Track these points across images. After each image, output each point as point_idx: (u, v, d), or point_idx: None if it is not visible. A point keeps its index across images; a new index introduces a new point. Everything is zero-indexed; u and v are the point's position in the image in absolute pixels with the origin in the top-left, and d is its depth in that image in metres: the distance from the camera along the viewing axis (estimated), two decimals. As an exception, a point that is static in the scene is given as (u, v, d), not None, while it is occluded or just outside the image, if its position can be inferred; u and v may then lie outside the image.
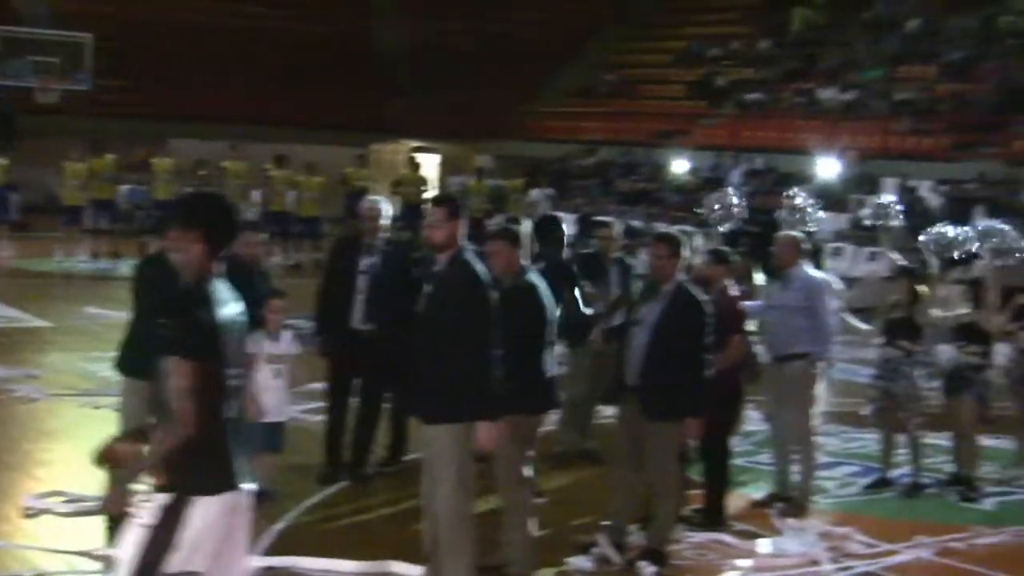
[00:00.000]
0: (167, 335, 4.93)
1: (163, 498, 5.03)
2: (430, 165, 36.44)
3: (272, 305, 9.19)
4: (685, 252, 8.48)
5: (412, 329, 7.36)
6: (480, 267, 7.23)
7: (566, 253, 11.01)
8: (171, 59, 36.08)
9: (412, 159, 30.28)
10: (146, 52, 35.66)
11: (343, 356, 9.83)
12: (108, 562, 7.93)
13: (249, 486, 5.22)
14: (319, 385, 10.45)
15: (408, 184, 28.00)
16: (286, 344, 9.29)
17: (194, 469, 5.01)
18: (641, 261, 11.54)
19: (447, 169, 36.69)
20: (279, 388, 9.25)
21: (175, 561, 4.98)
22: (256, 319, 9.00)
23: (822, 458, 10.47)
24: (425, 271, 7.91)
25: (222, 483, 5.10)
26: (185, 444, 4.93)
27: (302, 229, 25.31)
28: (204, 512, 5.02)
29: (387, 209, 9.96)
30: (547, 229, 10.52)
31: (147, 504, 5.13)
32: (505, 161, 34.65)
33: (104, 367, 11.39)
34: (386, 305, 9.60)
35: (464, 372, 7.01)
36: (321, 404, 10.38)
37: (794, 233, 10.70)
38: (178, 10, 37.90)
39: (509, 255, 7.91)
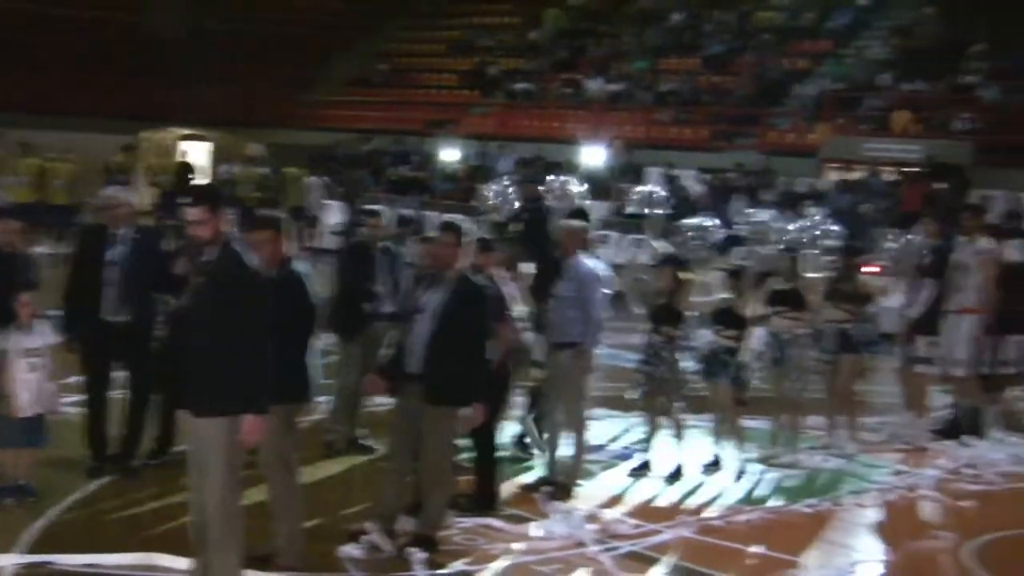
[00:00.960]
0: None
1: None
2: (199, 153, 35.80)
3: (20, 298, 8.97)
4: (466, 240, 8.59)
5: (166, 319, 7.25)
6: (249, 258, 7.17)
7: (336, 242, 11.03)
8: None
9: (163, 146, 29.70)
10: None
11: (96, 348, 9.63)
12: None
13: None
14: (78, 378, 10.22)
15: (159, 172, 27.48)
16: (41, 336, 9.06)
17: None
18: (411, 249, 11.58)
19: (218, 157, 36.09)
20: (36, 381, 9.03)
21: None
22: (8, 312, 8.80)
23: (589, 442, 10.70)
24: (182, 260, 7.81)
25: None
26: None
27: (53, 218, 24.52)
28: None
29: (130, 198, 9.79)
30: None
31: None
32: (280, 149, 34.27)
33: None
34: (137, 295, 9.47)
35: (233, 364, 6.94)
36: (82, 397, 10.14)
37: (577, 223, 10.78)
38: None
39: (274, 245, 7.87)
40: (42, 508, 8.82)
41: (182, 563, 7.61)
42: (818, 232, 16.36)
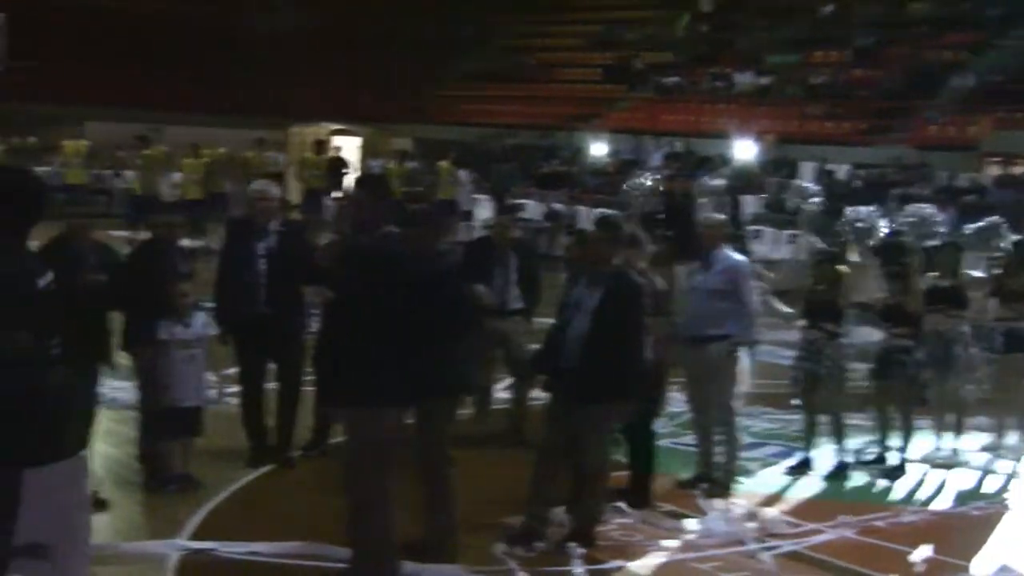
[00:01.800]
0: None
1: None
2: (349, 148, 36.24)
3: (176, 290, 9.09)
4: (622, 235, 8.49)
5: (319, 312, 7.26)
6: (400, 249, 7.17)
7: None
8: (82, 41, 35.53)
9: (318, 142, 30.00)
10: (56, 35, 35.07)
11: (248, 340, 9.71)
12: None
13: (82, 453, 5.19)
14: (235, 369, 10.36)
15: (310, 168, 27.83)
16: (198, 328, 9.18)
17: (20, 440, 4.90)
18: (561, 244, 11.55)
19: (367, 152, 36.50)
20: (193, 373, 9.14)
21: (20, 535, 4.94)
22: (165, 304, 8.93)
23: (746, 439, 10.53)
24: (329, 253, 7.85)
25: (53, 452, 4.98)
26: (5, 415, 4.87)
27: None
28: (38, 483, 4.93)
29: (276, 192, 9.85)
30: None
31: None
32: (425, 144, 34.54)
33: None
34: (285, 288, 9.54)
35: (382, 356, 6.97)
36: (238, 388, 10.28)
37: (718, 216, 10.73)
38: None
39: (428, 239, 7.86)
40: (204, 497, 8.95)
41: (340, 552, 7.63)
42: (981, 228, 15.96)
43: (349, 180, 27.80)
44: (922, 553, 8.54)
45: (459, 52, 40.94)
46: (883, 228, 15.92)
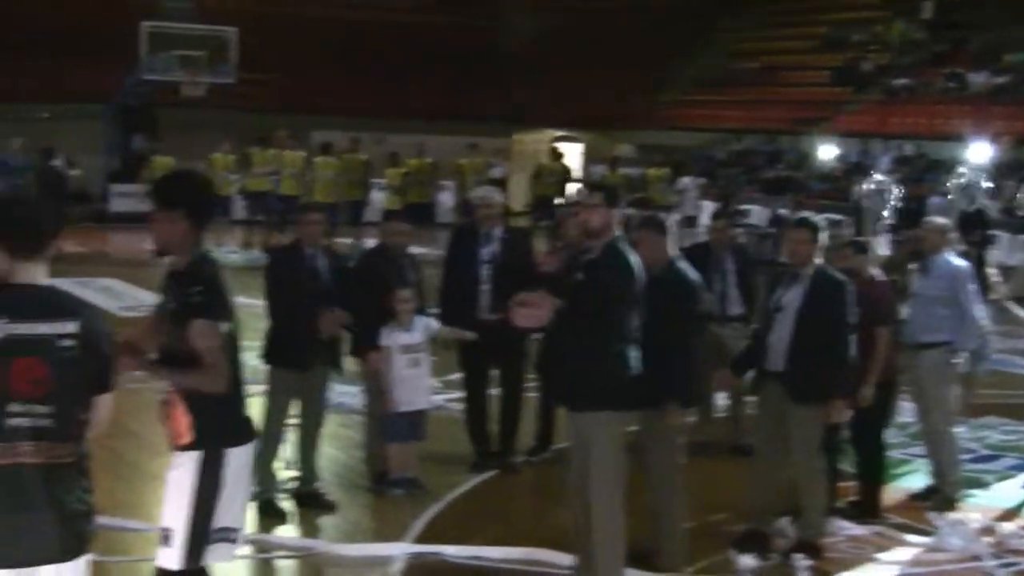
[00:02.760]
0: (195, 301, 5.27)
1: (196, 456, 5.33)
2: (572, 154, 36.38)
3: (400, 295, 9.19)
4: (823, 237, 8.29)
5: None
6: (633, 256, 7.14)
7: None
8: (309, 53, 36.52)
9: (554, 149, 30.12)
10: (284, 46, 36.11)
11: (472, 346, 9.77)
12: (262, 546, 8.07)
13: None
14: (459, 375, 10.44)
15: (546, 175, 27.92)
16: (419, 333, 9.28)
17: (224, 423, 5.35)
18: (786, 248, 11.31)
19: (589, 158, 36.59)
20: (416, 377, 9.25)
21: (219, 517, 5.33)
22: (388, 310, 9.05)
23: (981, 451, 10.15)
24: (556, 259, 7.85)
25: (247, 434, 5.53)
26: (215, 399, 5.24)
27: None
28: (236, 464, 5.38)
29: (499, 199, 9.86)
30: None
31: (180, 465, 5.36)
32: (644, 150, 34.44)
33: (250, 356, 11.50)
34: (508, 294, 9.56)
35: (609, 361, 6.94)
36: (462, 393, 10.37)
37: (939, 220, 10.36)
38: (315, 4, 38.38)
39: (656, 244, 7.81)
40: (428, 501, 9.04)
41: (565, 559, 7.63)
42: None
43: (572, 187, 27.92)
44: None
45: (684, 57, 40.65)
46: None
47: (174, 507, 5.34)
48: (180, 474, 5.35)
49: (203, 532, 5.33)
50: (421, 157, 28.08)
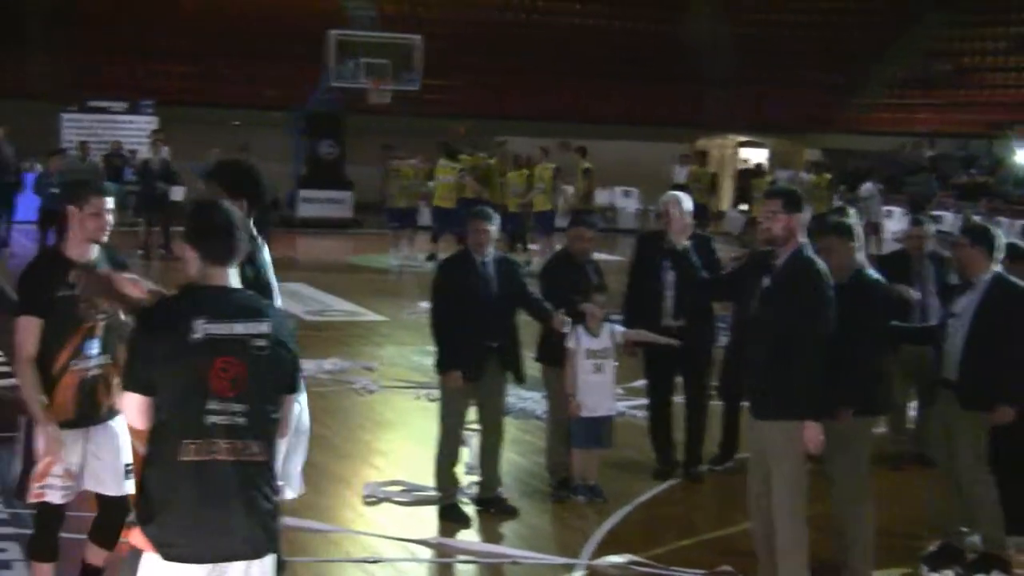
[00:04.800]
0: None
1: None
2: (758, 160, 35.94)
3: (591, 300, 9.13)
4: (998, 243, 7.98)
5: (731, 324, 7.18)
6: (822, 264, 6.99)
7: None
8: (492, 58, 36.78)
9: (701, 154, 29.57)
10: (467, 52, 36.42)
11: (658, 352, 9.67)
12: (443, 550, 8.10)
13: None
14: (643, 382, 10.38)
15: (695, 180, 27.41)
16: (606, 339, 9.21)
17: None
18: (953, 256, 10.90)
19: (776, 163, 36.08)
20: (601, 383, 9.18)
21: None
22: (576, 314, 9.00)
23: None
24: (739, 265, 7.72)
25: None
26: None
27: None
28: None
29: (688, 204, 9.69)
30: None
31: None
32: (833, 155, 33.81)
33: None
34: (693, 301, 9.44)
35: (801, 369, 6.82)
36: (646, 401, 10.30)
37: None
38: (498, 9, 38.67)
39: (844, 251, 7.62)
40: (610, 509, 8.98)
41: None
42: None
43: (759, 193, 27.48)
44: None
45: (876, 61, 39.82)
46: None
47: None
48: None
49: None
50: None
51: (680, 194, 9.89)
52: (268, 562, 4.58)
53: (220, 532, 4.44)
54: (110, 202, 6.37)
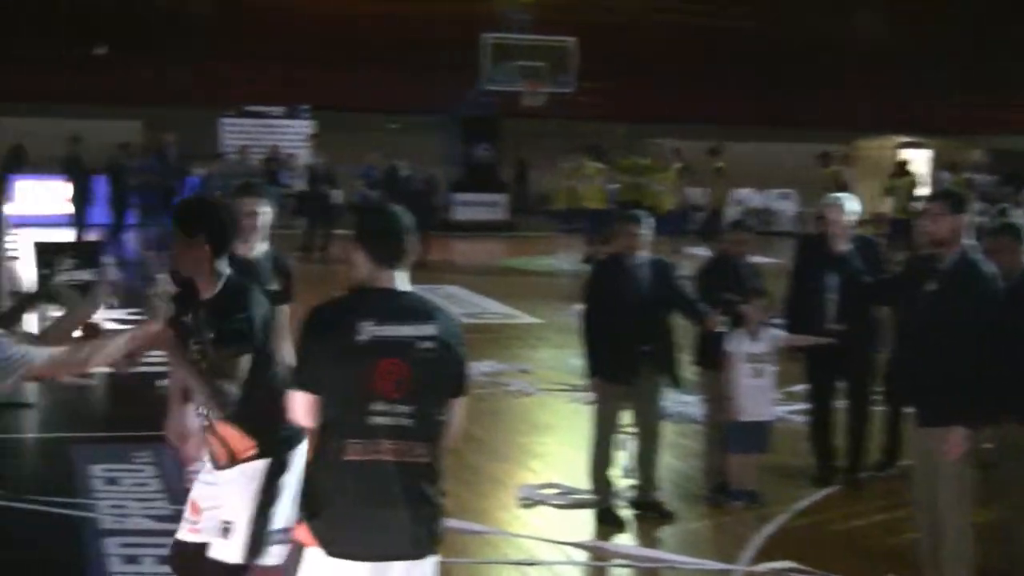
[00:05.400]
0: (231, 329, 5.22)
1: (262, 464, 5.46)
2: (920, 161, 35.19)
3: (751, 303, 9.04)
4: None
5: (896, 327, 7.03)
6: (990, 266, 6.82)
7: None
8: (648, 61, 36.63)
9: (901, 163, 28.93)
10: (621, 54, 36.32)
11: (819, 357, 9.53)
12: (599, 554, 8.08)
13: None
14: (803, 386, 10.29)
15: (897, 190, 26.64)
16: (766, 343, 9.10)
17: (282, 432, 5.41)
18: None
19: (938, 165, 35.31)
20: (760, 388, 9.08)
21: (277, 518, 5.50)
22: (735, 317, 8.90)
23: None
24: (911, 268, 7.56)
25: (297, 437, 5.50)
26: (269, 413, 5.22)
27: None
28: (294, 468, 5.52)
29: (851, 207, 9.50)
30: None
31: (244, 472, 5.47)
32: (998, 156, 32.93)
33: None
34: (857, 305, 9.27)
35: (962, 374, 6.68)
36: (806, 406, 10.16)
37: None
38: (652, 11, 38.48)
39: (1014, 253, 7.43)
40: (768, 515, 8.87)
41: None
42: None
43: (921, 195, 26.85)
44: None
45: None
46: None
47: (237, 504, 5.50)
48: (245, 479, 5.49)
49: (263, 532, 5.52)
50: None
51: (842, 196, 9.74)
52: (430, 563, 4.61)
53: (382, 531, 4.49)
54: (262, 203, 6.51)
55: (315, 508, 4.52)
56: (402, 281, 4.68)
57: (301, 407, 4.58)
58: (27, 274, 14.78)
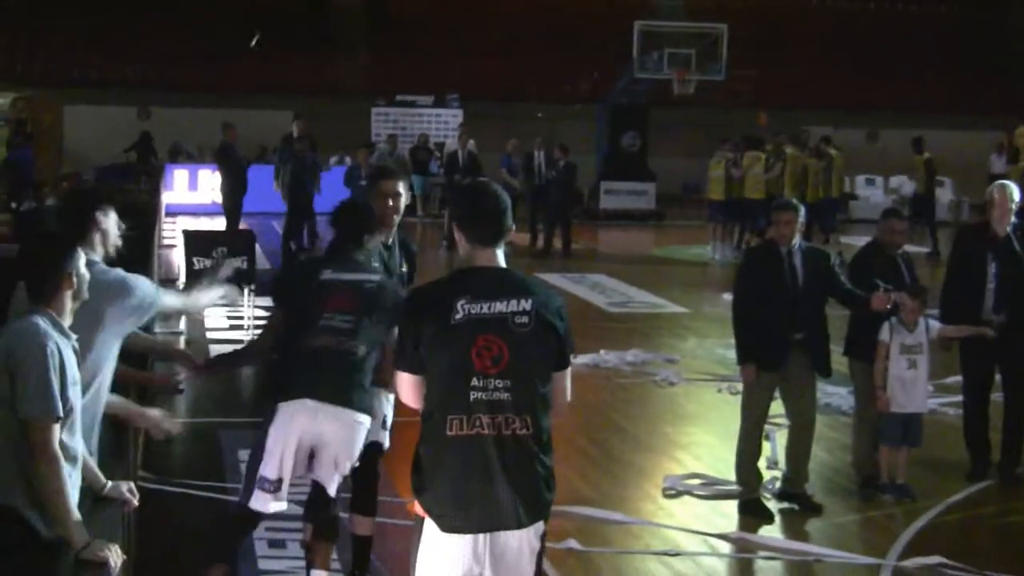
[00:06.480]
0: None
1: None
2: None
3: (912, 295, 8.87)
4: None
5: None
6: None
7: None
8: (795, 46, 36.13)
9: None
10: (772, 41, 35.87)
11: (975, 348, 9.30)
12: (744, 545, 7.98)
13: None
14: (956, 378, 10.07)
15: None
16: (921, 334, 8.90)
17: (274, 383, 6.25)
18: None
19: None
20: (914, 379, 8.89)
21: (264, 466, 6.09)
22: (890, 308, 8.71)
23: None
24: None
25: (296, 389, 6.09)
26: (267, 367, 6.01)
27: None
28: (283, 416, 6.06)
29: (1015, 193, 9.24)
30: None
31: None
32: None
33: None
34: (1016, 294, 9.02)
35: None
36: (959, 398, 9.93)
37: None
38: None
39: None
40: (919, 510, 8.68)
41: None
42: None
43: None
44: None
45: None
46: None
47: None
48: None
49: (251, 477, 6.10)
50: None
51: (1007, 182, 9.54)
52: (534, 531, 4.68)
53: (484, 504, 4.57)
54: (400, 186, 6.62)
55: (423, 484, 4.63)
56: (500, 259, 4.73)
57: (406, 387, 4.71)
58: (179, 262, 15.15)
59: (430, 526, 4.61)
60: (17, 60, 33.50)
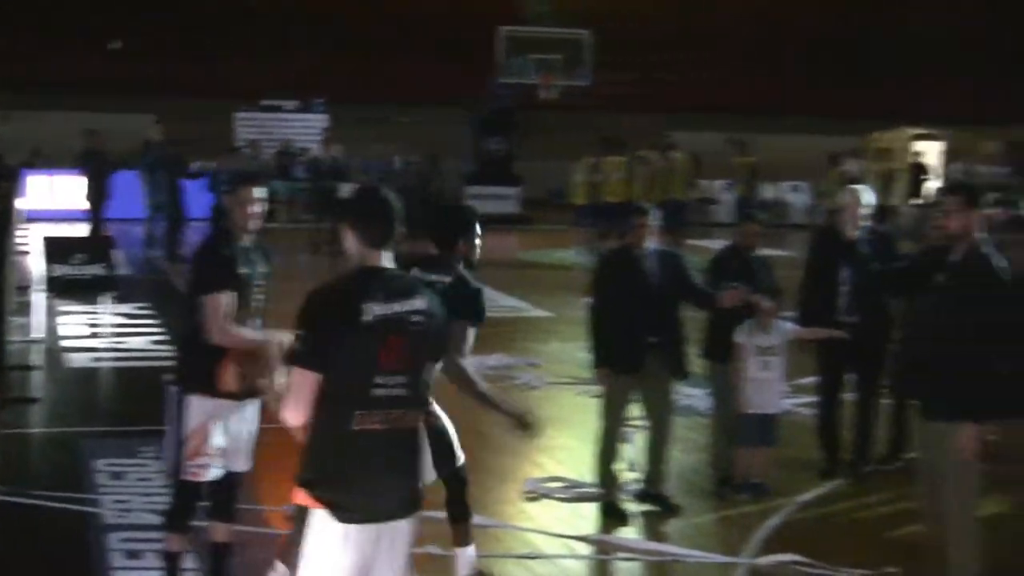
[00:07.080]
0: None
1: None
2: (931, 152, 35.03)
3: (763, 297, 9.02)
4: None
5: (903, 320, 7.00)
6: (1001, 261, 6.78)
7: None
8: (659, 52, 36.51)
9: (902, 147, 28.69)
10: (638, 45, 36.22)
11: (831, 349, 9.51)
12: (603, 547, 8.06)
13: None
14: (811, 379, 10.27)
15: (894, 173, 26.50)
16: (776, 336, 9.07)
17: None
18: None
19: (951, 156, 35.16)
20: (769, 380, 9.06)
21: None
22: (745, 309, 8.87)
23: None
24: (924, 262, 7.53)
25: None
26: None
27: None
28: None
29: (868, 198, 9.49)
30: None
31: None
32: (1016, 148, 32.72)
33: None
34: (869, 297, 9.24)
35: (967, 370, 6.64)
36: (814, 398, 10.13)
37: None
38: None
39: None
40: (774, 508, 8.85)
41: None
42: None
43: (929, 187, 26.77)
44: None
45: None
46: None
47: None
48: None
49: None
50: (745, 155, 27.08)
51: (858, 187, 9.77)
52: (416, 519, 4.91)
53: (381, 494, 4.78)
54: (260, 193, 6.60)
55: (320, 477, 4.74)
56: (389, 261, 4.87)
57: (303, 386, 4.73)
58: (36, 269, 14.84)
59: (321, 517, 4.69)
60: None
